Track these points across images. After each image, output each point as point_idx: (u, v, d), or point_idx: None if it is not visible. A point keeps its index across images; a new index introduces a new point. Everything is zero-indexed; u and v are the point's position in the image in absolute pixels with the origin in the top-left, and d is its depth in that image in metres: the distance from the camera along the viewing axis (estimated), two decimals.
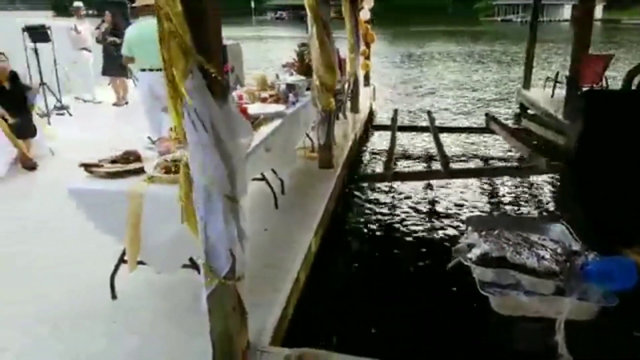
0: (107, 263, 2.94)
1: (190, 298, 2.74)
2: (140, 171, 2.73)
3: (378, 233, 4.90)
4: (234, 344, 2.34)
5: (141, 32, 4.90)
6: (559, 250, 3.14)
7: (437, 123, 8.20)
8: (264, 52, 22.83)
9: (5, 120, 5.08)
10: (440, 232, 4.85)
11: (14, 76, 5.41)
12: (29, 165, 5.23)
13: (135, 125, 7.71)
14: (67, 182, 4.79)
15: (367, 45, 9.77)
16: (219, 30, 2.02)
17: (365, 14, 9.40)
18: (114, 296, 2.93)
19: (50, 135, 5.95)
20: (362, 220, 5.18)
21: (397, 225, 5.02)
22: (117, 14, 8.69)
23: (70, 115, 7.74)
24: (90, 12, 9.01)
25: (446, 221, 5.09)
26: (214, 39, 1.97)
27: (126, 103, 8.63)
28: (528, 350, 2.89)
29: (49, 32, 7.53)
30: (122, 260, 2.86)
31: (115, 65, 8.38)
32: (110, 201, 2.56)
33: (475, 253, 3.13)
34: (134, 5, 5.27)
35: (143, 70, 5.07)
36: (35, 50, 7.43)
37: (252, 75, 5.51)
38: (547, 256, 3.04)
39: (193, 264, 2.77)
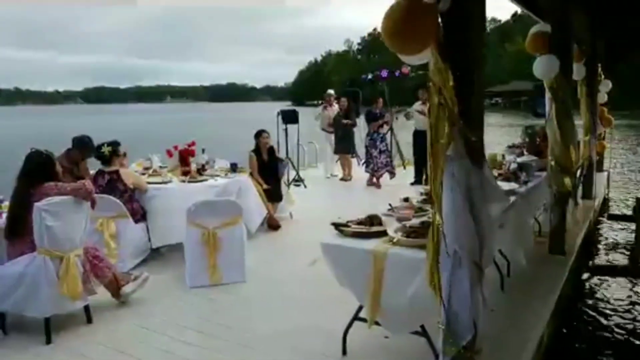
0: (341, 316, 3.16)
1: None
2: (383, 234, 2.91)
3: (619, 334, 4.17)
4: None
5: None
6: None
7: None
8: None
9: (261, 186, 6.06)
10: None
11: (271, 150, 6.49)
12: (274, 225, 6.08)
13: (356, 196, 8.45)
14: (304, 241, 5.42)
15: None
16: (482, 104, 2.14)
17: (602, 97, 8.74)
18: (344, 352, 3.08)
19: (290, 201, 6.83)
20: (602, 316, 4.49)
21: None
22: (351, 100, 9.80)
23: (305, 187, 8.81)
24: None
25: None
26: (477, 110, 2.09)
27: (350, 178, 9.43)
28: None
29: (297, 116, 8.92)
30: (356, 317, 3.02)
31: (343, 144, 9.38)
32: (355, 258, 2.79)
33: None
34: None
35: None
36: (285, 130, 8.83)
37: None
38: None
39: (423, 332, 2.78)
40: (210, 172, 5.79)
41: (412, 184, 8.64)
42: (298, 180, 8.94)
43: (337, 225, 3.07)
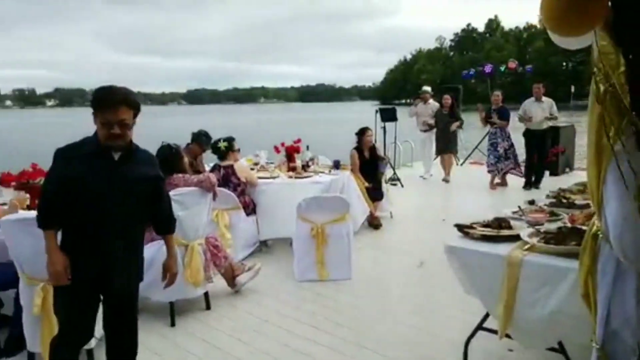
0: (457, 323, 3.02)
1: None
2: (515, 238, 2.69)
3: None
4: None
5: None
6: None
7: None
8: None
9: (362, 184, 5.99)
10: None
11: (373, 148, 6.39)
12: (375, 224, 5.99)
13: (456, 197, 8.10)
14: (408, 241, 5.26)
15: None
16: None
17: None
18: None
19: (390, 200, 6.69)
20: None
21: None
22: (452, 97, 9.39)
23: (402, 186, 8.61)
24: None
25: None
26: None
27: (447, 181, 9.03)
28: None
29: (396, 114, 8.75)
30: (480, 326, 2.83)
31: (446, 142, 9.01)
32: (486, 263, 2.59)
33: None
34: None
35: None
36: (384, 128, 8.71)
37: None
38: None
39: (561, 349, 2.53)
40: (314, 168, 5.83)
41: (524, 187, 8.09)
42: (395, 180, 8.77)
43: (461, 227, 2.89)
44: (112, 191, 2.25)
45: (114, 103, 2.17)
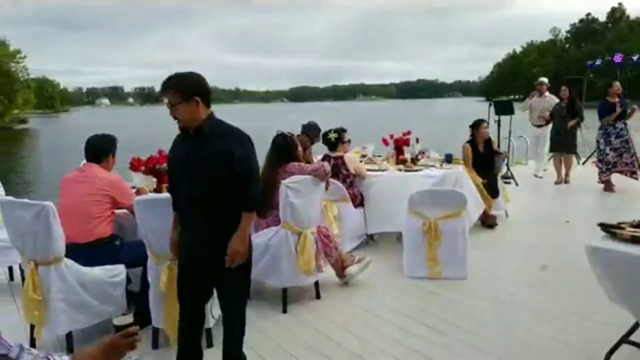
0: (592, 333, 2.77)
1: None
2: None
3: None
4: None
5: None
6: None
7: None
8: None
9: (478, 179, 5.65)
10: None
11: (489, 142, 6.00)
12: (489, 222, 5.63)
13: (578, 199, 7.35)
14: (526, 242, 4.88)
15: None
16: None
17: None
18: None
19: (506, 198, 6.24)
20: None
21: None
22: (573, 90, 8.50)
23: (517, 184, 8.02)
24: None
25: None
26: None
27: (568, 181, 8.22)
28: None
29: (513, 106, 8.18)
30: (625, 339, 2.49)
31: (562, 140, 8.16)
32: (637, 268, 2.26)
33: None
34: None
35: None
36: (498, 122, 8.18)
37: None
38: None
39: None
40: (424, 162, 5.62)
41: None
42: (508, 177, 8.18)
43: (606, 227, 2.55)
44: (186, 167, 2.41)
45: (161, 91, 2.39)
